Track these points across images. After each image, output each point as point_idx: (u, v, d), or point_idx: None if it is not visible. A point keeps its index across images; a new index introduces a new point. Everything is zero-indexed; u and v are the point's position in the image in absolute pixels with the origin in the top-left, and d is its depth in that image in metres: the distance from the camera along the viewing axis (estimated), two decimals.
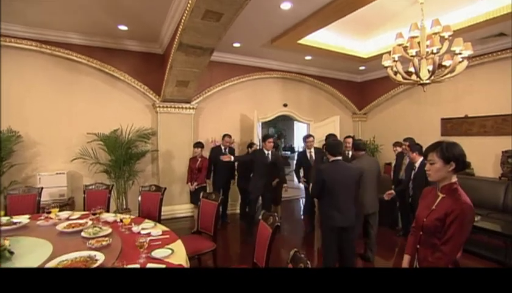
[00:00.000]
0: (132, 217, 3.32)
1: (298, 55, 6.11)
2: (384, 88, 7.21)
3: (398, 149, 5.22)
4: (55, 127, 5.00)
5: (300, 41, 5.19)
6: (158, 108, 5.64)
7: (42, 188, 4.00)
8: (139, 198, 4.09)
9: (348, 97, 7.85)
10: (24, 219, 2.95)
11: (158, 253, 2.22)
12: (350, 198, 3.04)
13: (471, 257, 3.95)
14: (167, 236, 2.66)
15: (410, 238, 1.91)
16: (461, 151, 1.62)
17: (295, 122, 12.24)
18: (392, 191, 4.39)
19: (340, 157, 3.13)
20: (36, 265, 1.98)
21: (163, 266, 2.03)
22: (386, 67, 4.14)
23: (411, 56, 3.73)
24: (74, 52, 4.90)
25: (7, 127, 4.63)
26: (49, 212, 3.12)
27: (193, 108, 5.92)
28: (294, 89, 7.28)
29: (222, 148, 5.47)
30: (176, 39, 4.04)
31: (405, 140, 4.96)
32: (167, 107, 5.67)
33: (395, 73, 4.09)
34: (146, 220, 3.16)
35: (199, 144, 5.01)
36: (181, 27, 3.70)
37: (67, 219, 3.10)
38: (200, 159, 4.99)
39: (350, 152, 4.87)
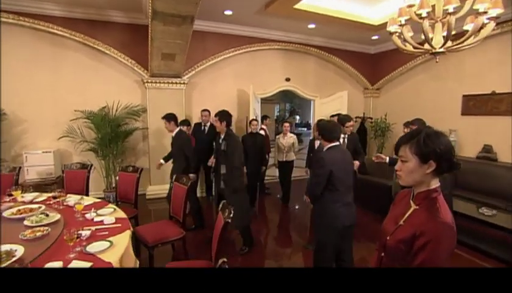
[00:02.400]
0: (97, 200, 3.17)
1: (300, 23, 5.49)
2: (400, 60, 6.42)
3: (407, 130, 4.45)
4: (41, 104, 4.88)
5: (297, 6, 4.58)
6: (146, 84, 5.35)
7: (20, 167, 3.93)
8: (117, 178, 3.94)
9: (359, 70, 7.12)
10: None
11: (93, 247, 2.01)
12: (351, 189, 2.59)
13: (481, 257, 3.47)
14: (119, 225, 2.45)
15: (375, 253, 1.43)
16: (446, 146, 1.13)
17: None
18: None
19: (338, 143, 2.56)
20: None
21: (89, 264, 1.80)
22: (392, 33, 3.53)
23: (421, 18, 3.08)
24: (55, 24, 4.64)
25: None
26: (11, 195, 3.01)
27: (184, 83, 5.57)
28: (298, 62, 6.68)
29: (202, 124, 5.13)
30: (150, 7, 3.63)
31: (412, 122, 4.00)
32: (155, 82, 5.37)
33: (404, 41, 3.47)
34: (109, 205, 2.96)
35: (184, 122, 4.70)
36: None
37: (31, 202, 2.97)
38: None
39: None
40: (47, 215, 2.44)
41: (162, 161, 4.34)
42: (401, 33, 3.33)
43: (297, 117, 19.99)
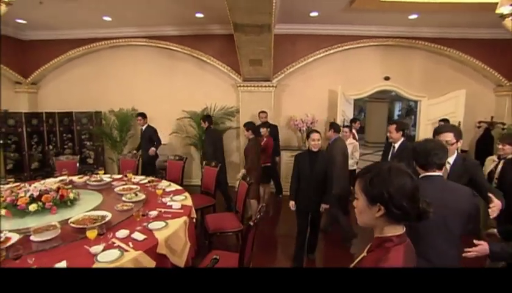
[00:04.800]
0: (179, 188, 3.81)
1: (398, 15, 4.86)
2: None
3: (507, 148, 3.00)
4: (161, 105, 6.19)
5: None
6: (239, 88, 5.94)
7: (141, 155, 5.15)
8: (202, 171, 4.61)
9: (489, 63, 5.65)
10: (108, 178, 3.93)
11: (153, 225, 2.50)
12: (450, 241, 1.73)
13: None
14: (181, 211, 2.90)
15: None
16: (398, 189, 0.93)
17: None
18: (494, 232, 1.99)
19: (439, 173, 1.77)
20: (83, 211, 2.67)
21: (144, 236, 2.29)
22: (504, 16, 2.81)
23: None
24: (171, 42, 5.79)
25: (131, 107, 6.12)
26: (126, 176, 4.03)
27: (273, 86, 5.87)
28: (400, 58, 5.90)
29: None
30: (231, 20, 4.07)
31: (505, 138, 2.88)
32: (247, 85, 5.89)
33: None
34: (184, 193, 3.51)
35: (264, 124, 5.01)
36: (227, 7, 3.70)
37: (137, 183, 3.88)
38: (265, 139, 4.99)
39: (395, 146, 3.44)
40: (136, 195, 3.18)
41: None
42: None
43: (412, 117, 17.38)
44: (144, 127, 5.38)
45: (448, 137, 2.21)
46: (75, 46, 5.85)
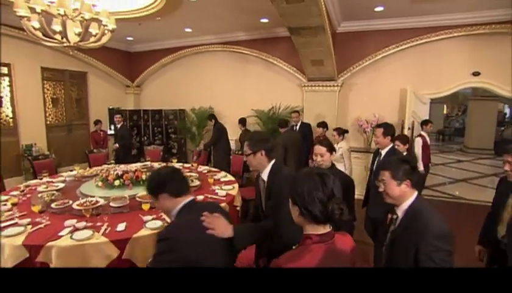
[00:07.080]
0: (232, 179, 4.23)
1: None
2: None
3: None
4: (233, 104, 6.86)
5: None
6: (304, 88, 6.06)
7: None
8: None
9: None
10: (179, 166, 4.69)
11: None
12: None
13: None
14: (224, 198, 3.31)
15: None
16: (303, 193, 1.05)
17: None
18: None
19: None
20: None
21: None
22: None
23: None
24: (241, 46, 6.35)
25: (209, 106, 6.98)
26: (193, 165, 4.73)
27: (337, 85, 5.78)
28: (496, 48, 4.94)
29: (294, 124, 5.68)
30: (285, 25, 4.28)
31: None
32: (311, 85, 5.96)
33: None
34: (233, 184, 3.92)
35: (321, 124, 5.05)
36: (278, 14, 3.92)
37: (200, 172, 4.51)
38: (321, 138, 5.02)
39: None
40: (192, 181, 3.76)
41: None
42: None
43: None
44: (119, 126, 6.06)
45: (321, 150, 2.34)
46: (166, 54, 7.08)
